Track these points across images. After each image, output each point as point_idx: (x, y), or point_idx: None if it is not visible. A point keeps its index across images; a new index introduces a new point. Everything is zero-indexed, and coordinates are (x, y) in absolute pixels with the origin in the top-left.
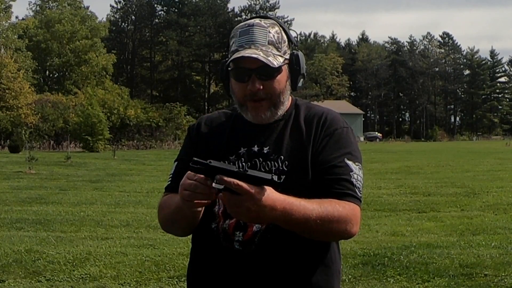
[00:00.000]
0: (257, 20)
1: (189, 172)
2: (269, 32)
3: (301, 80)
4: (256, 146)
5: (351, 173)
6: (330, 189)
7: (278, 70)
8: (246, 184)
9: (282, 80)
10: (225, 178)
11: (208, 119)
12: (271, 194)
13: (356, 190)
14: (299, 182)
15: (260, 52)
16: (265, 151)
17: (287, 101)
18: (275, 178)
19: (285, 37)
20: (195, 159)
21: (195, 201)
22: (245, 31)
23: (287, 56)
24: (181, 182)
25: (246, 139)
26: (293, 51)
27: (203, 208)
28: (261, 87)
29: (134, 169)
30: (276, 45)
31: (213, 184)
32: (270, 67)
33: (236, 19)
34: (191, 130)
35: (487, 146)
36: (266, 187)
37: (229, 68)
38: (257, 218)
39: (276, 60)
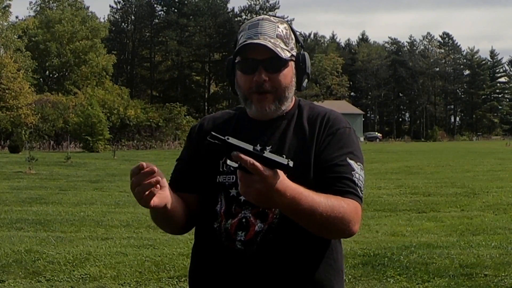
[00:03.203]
0: (266, 16)
1: (131, 170)
2: (278, 27)
3: (306, 80)
4: (258, 145)
5: (352, 172)
6: (332, 187)
7: (285, 64)
8: (261, 165)
9: (288, 75)
10: (242, 155)
11: (210, 119)
12: (284, 180)
13: (358, 189)
14: (300, 181)
15: (269, 43)
16: (267, 150)
17: (291, 98)
18: (291, 164)
19: (292, 35)
20: (213, 133)
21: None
22: (254, 25)
23: (294, 53)
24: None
25: (248, 138)
26: (300, 51)
27: (180, 205)
28: (267, 78)
29: None
30: (284, 40)
31: (228, 162)
32: (277, 60)
33: (236, 19)
34: (192, 130)
35: (487, 146)
36: (280, 172)
37: (236, 61)
38: (265, 202)
39: (284, 53)
